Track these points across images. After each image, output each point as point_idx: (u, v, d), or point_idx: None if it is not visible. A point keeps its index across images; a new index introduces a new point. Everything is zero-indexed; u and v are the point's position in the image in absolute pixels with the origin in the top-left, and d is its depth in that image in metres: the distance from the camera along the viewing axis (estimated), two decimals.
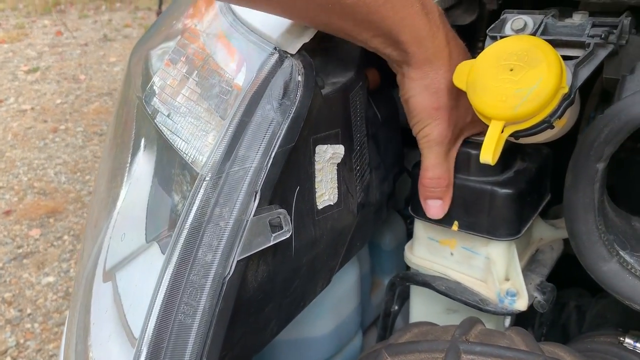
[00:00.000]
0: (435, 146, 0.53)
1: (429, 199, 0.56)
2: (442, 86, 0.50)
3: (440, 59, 0.50)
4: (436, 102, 0.51)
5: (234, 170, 0.45)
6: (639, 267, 0.52)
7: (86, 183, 2.59)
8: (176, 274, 0.44)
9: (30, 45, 4.20)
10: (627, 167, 0.71)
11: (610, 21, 0.48)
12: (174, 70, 0.58)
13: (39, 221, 2.34)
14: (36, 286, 2.04)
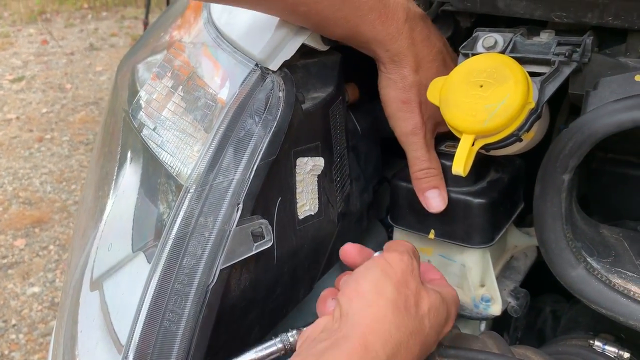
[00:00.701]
0: (412, 137, 0.56)
1: (426, 192, 0.57)
2: (407, 83, 0.55)
3: (402, 60, 0.54)
4: (403, 95, 0.55)
5: (217, 182, 0.47)
6: (605, 272, 0.54)
7: (72, 192, 2.59)
8: (161, 283, 0.46)
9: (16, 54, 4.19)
10: (598, 176, 0.74)
11: (574, 40, 0.51)
12: (160, 84, 0.60)
13: (24, 231, 2.34)
14: (21, 297, 2.03)
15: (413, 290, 0.43)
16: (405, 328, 0.40)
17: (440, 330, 0.45)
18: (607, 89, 0.50)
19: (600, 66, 0.50)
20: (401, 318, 0.41)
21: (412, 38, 0.54)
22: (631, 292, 0.53)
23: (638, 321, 0.51)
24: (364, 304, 0.41)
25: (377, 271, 0.44)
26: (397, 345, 0.40)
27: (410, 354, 0.40)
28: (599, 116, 0.47)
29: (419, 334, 0.41)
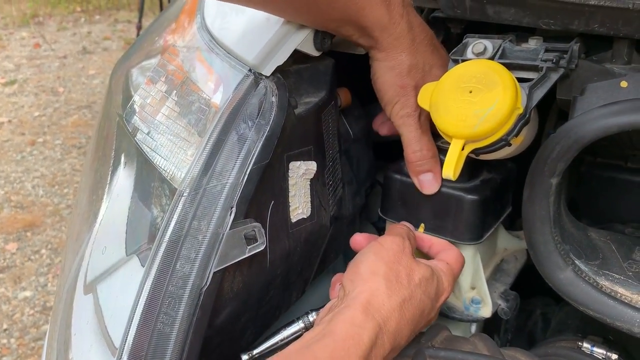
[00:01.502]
0: (408, 119, 0.57)
1: (419, 175, 0.59)
2: (405, 67, 0.56)
3: (402, 43, 0.55)
4: (400, 81, 0.56)
5: (211, 186, 0.48)
6: (592, 275, 0.55)
7: (64, 196, 2.58)
8: (155, 285, 0.47)
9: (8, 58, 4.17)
10: (587, 180, 0.76)
11: (562, 46, 0.52)
12: (154, 89, 0.60)
13: (16, 235, 2.33)
14: (12, 301, 2.02)
15: (404, 266, 0.50)
16: (397, 296, 0.48)
17: (436, 298, 0.51)
18: (594, 94, 0.51)
19: (587, 72, 0.51)
20: (393, 289, 0.48)
21: (410, 22, 0.55)
22: (618, 294, 0.54)
23: (625, 323, 0.52)
24: (362, 281, 0.48)
25: (371, 254, 0.51)
26: (390, 311, 0.47)
27: (404, 317, 0.47)
28: (585, 121, 0.48)
29: (412, 300, 0.48)
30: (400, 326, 0.47)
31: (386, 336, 0.46)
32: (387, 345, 0.46)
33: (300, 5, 0.50)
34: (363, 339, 0.44)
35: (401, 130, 0.59)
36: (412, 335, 0.49)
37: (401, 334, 0.47)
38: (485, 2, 0.53)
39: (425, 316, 0.50)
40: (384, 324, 0.46)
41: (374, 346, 0.44)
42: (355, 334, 0.44)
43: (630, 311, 0.52)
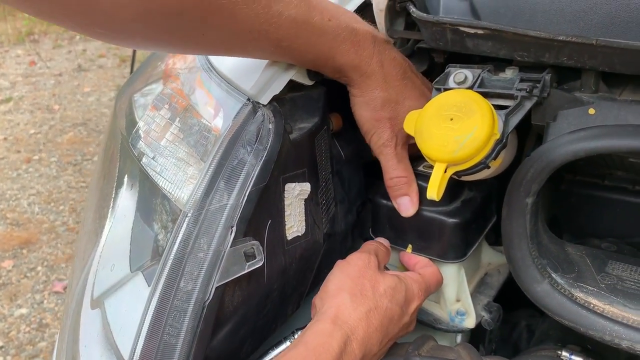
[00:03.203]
0: (384, 149, 0.63)
1: (397, 198, 0.64)
2: (378, 102, 0.62)
3: (374, 81, 0.61)
4: (375, 114, 0.62)
5: (212, 207, 0.52)
6: (568, 287, 0.60)
7: (60, 213, 2.61)
8: (162, 300, 0.51)
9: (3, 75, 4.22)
10: (567, 197, 0.80)
11: (535, 76, 0.56)
12: (158, 115, 0.65)
13: (11, 252, 2.35)
14: (9, 318, 2.04)
15: (369, 279, 0.55)
16: (363, 307, 0.53)
17: (405, 304, 0.56)
18: (565, 121, 0.56)
19: (558, 100, 0.56)
20: (358, 302, 0.53)
21: (381, 60, 0.61)
22: (591, 305, 0.58)
23: (597, 331, 0.56)
24: (329, 298, 0.54)
25: (337, 271, 0.57)
26: (357, 320, 0.52)
27: (371, 325, 0.52)
28: (556, 146, 0.53)
29: (377, 309, 0.53)
30: (369, 333, 0.52)
31: (355, 343, 0.50)
32: (357, 351, 0.50)
33: (275, 51, 0.55)
34: (333, 346, 0.49)
35: (379, 158, 0.64)
36: (384, 340, 0.54)
37: (371, 340, 0.52)
38: (464, 35, 0.58)
39: (397, 322, 0.55)
40: (352, 333, 0.51)
41: (344, 353, 0.49)
42: (325, 342, 0.49)
43: (602, 320, 0.56)
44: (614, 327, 0.55)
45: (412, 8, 0.61)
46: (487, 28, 0.56)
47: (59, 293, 2.15)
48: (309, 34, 0.54)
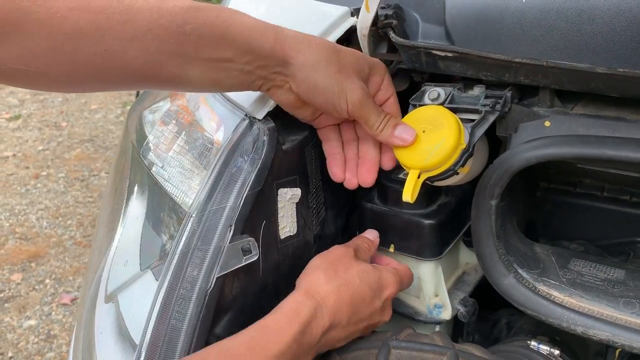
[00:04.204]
0: (365, 101, 0.62)
1: (394, 133, 0.63)
2: (323, 61, 0.60)
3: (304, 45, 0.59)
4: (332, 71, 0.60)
5: (214, 209, 0.61)
6: (532, 281, 0.67)
7: (68, 228, 2.69)
8: (169, 289, 0.59)
9: (12, 93, 4.35)
10: (542, 204, 0.88)
11: (498, 93, 0.65)
12: (166, 129, 0.73)
13: (20, 266, 2.43)
14: (17, 329, 2.11)
15: (344, 263, 0.63)
16: (334, 282, 0.60)
17: (378, 288, 0.63)
18: (524, 132, 0.64)
19: (519, 114, 0.65)
20: (330, 277, 0.60)
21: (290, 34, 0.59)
22: (552, 297, 0.66)
23: (555, 319, 0.63)
24: (304, 276, 0.62)
25: (316, 257, 0.65)
26: (328, 292, 0.59)
27: (341, 297, 0.59)
28: (513, 154, 0.61)
29: (348, 286, 0.60)
30: (339, 304, 0.59)
31: (325, 311, 0.58)
32: (327, 318, 0.58)
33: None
34: (303, 311, 0.56)
35: (362, 115, 0.62)
36: (355, 317, 0.60)
37: (340, 311, 0.59)
38: (436, 57, 0.67)
39: (368, 303, 0.62)
40: (322, 302, 0.58)
41: (314, 318, 0.57)
42: (297, 308, 0.57)
43: (560, 309, 0.64)
44: (570, 315, 0.63)
45: (391, 33, 0.70)
46: (455, 51, 0.65)
47: (67, 305, 2.23)
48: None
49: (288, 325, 0.55)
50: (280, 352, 0.54)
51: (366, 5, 0.70)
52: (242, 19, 0.56)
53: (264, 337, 0.55)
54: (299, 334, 0.55)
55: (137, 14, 0.51)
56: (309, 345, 0.57)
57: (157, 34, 0.51)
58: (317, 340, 0.57)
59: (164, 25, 0.52)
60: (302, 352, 0.56)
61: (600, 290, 0.66)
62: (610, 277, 0.68)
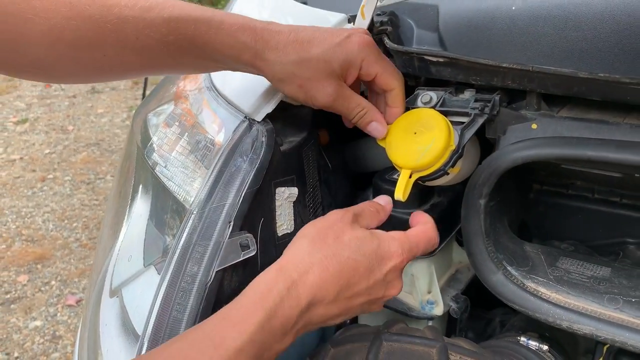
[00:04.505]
0: (338, 98, 0.65)
1: (367, 126, 0.67)
2: (292, 57, 0.63)
3: (276, 42, 0.63)
4: (301, 73, 0.63)
5: (214, 206, 0.64)
6: (521, 278, 0.70)
7: (73, 230, 2.74)
8: (171, 283, 0.62)
9: (20, 97, 4.41)
10: (535, 205, 0.91)
11: (487, 97, 0.68)
12: (169, 131, 0.77)
13: (26, 267, 2.48)
14: (23, 330, 2.15)
15: (335, 229, 0.57)
16: (319, 253, 0.54)
17: (377, 259, 0.57)
18: (512, 134, 0.67)
19: (507, 117, 0.68)
20: (315, 247, 0.55)
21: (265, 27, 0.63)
22: (540, 293, 0.69)
23: (542, 314, 0.66)
24: (290, 245, 0.58)
25: (308, 226, 0.60)
26: (309, 265, 0.54)
27: (326, 271, 0.54)
28: (500, 155, 0.64)
29: (336, 257, 0.54)
30: (324, 279, 0.53)
31: (302, 288, 0.52)
32: (303, 297, 0.52)
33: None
34: (272, 293, 0.51)
35: (340, 107, 0.65)
36: (346, 291, 0.55)
37: (325, 286, 0.53)
38: (428, 62, 0.70)
39: (363, 275, 0.55)
40: (299, 278, 0.53)
41: (286, 299, 0.51)
42: (264, 291, 0.51)
43: (547, 305, 0.66)
44: (556, 310, 0.66)
45: (386, 39, 0.73)
46: (445, 56, 0.68)
47: (72, 306, 2.27)
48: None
49: (251, 314, 0.50)
50: (240, 348, 0.48)
51: (362, 12, 0.73)
52: (217, 38, 0.59)
53: (221, 332, 0.50)
54: (265, 320, 0.50)
55: (124, 24, 0.56)
56: (283, 329, 0.52)
57: (145, 42, 0.57)
58: (294, 322, 0.52)
59: (149, 35, 0.57)
60: (273, 339, 0.51)
61: (586, 287, 0.68)
62: (597, 274, 0.71)
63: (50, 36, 0.54)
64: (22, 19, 0.52)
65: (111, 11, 0.55)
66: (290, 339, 0.53)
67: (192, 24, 0.58)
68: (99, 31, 0.55)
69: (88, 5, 0.54)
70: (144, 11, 0.57)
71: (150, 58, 0.59)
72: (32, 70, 0.57)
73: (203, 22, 0.59)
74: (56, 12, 0.53)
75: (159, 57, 0.60)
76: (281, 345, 0.53)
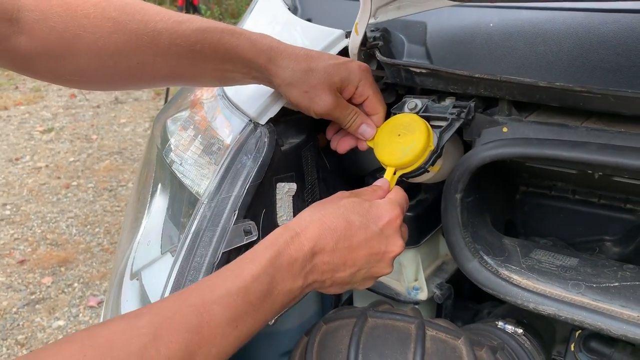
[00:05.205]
0: (334, 108, 0.75)
1: (358, 129, 0.78)
2: (299, 74, 0.74)
3: (284, 59, 0.74)
4: (305, 86, 0.75)
5: (221, 197, 0.75)
6: (495, 266, 0.80)
7: (95, 235, 2.88)
8: (184, 262, 0.73)
9: (46, 107, 4.62)
10: (521, 205, 1.00)
11: (464, 104, 0.78)
12: (185, 134, 0.88)
13: (51, 270, 2.61)
14: (47, 329, 2.28)
15: (334, 199, 0.66)
16: (318, 213, 0.63)
17: (372, 218, 0.65)
18: (486, 137, 0.77)
19: (481, 121, 0.78)
20: (315, 210, 0.64)
21: (278, 45, 0.74)
22: (512, 279, 0.78)
23: (512, 297, 0.75)
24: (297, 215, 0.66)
25: (312, 205, 0.68)
26: (309, 222, 0.62)
27: (324, 224, 0.62)
28: (472, 155, 0.74)
29: (332, 214, 0.63)
30: (322, 230, 0.61)
31: (304, 238, 0.60)
32: (306, 243, 0.60)
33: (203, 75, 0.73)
34: (279, 240, 0.59)
35: (336, 116, 0.76)
36: (344, 242, 0.62)
37: (324, 237, 0.61)
38: (413, 73, 0.80)
39: (360, 229, 0.63)
40: (302, 231, 0.61)
41: (291, 243, 0.59)
42: (272, 239, 0.60)
43: (516, 289, 0.76)
44: (524, 294, 0.75)
45: (377, 53, 0.84)
46: (427, 68, 0.78)
47: (94, 307, 2.40)
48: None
49: (262, 253, 0.58)
50: (255, 275, 0.56)
51: (355, 29, 0.84)
52: (238, 43, 0.71)
53: (239, 264, 0.58)
54: (274, 257, 0.57)
55: (159, 35, 0.68)
56: (290, 268, 0.58)
57: (175, 51, 0.69)
58: (301, 263, 0.59)
59: (180, 44, 0.69)
60: (282, 275, 0.58)
61: (553, 274, 0.77)
62: (565, 264, 0.80)
63: (95, 48, 0.65)
64: (71, 34, 0.64)
65: (148, 25, 0.67)
66: (300, 281, 0.60)
67: (218, 33, 0.70)
68: (137, 42, 0.66)
69: (128, 21, 0.66)
70: (176, 24, 0.68)
71: (177, 66, 0.70)
72: (75, 78, 0.68)
73: (227, 32, 0.71)
74: (101, 28, 0.64)
75: (184, 66, 0.71)
76: (293, 284, 0.59)
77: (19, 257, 2.70)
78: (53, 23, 0.63)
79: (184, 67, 0.72)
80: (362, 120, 0.78)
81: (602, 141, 0.68)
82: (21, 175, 3.48)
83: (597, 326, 0.69)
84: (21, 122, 4.31)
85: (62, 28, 0.63)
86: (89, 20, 0.64)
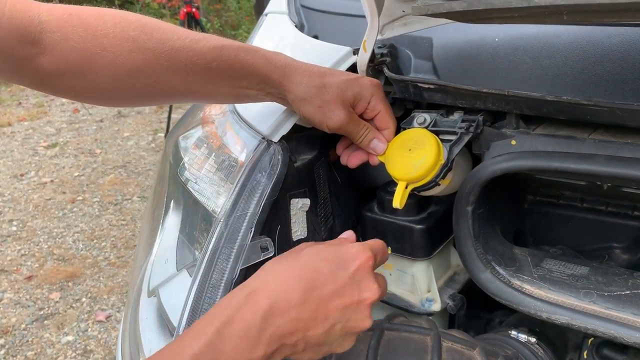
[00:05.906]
0: (347, 123, 0.77)
1: (370, 144, 0.79)
2: (313, 90, 0.76)
3: (297, 75, 0.76)
4: (319, 102, 0.76)
5: (237, 215, 0.77)
6: (507, 276, 0.81)
7: (102, 249, 2.90)
8: (202, 279, 0.74)
9: (49, 123, 4.65)
10: (529, 214, 1.02)
11: (473, 118, 0.80)
12: (199, 152, 0.90)
13: (58, 285, 2.63)
14: (56, 345, 2.30)
15: (297, 249, 0.62)
16: (278, 266, 0.58)
17: (340, 262, 0.58)
18: (495, 150, 0.79)
19: (490, 135, 0.79)
20: (276, 262, 0.60)
21: (291, 62, 0.76)
22: (524, 289, 0.79)
23: (525, 307, 0.77)
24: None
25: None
26: (269, 276, 0.57)
27: (285, 276, 0.56)
28: (482, 168, 0.76)
29: (296, 263, 0.58)
30: (284, 282, 0.55)
31: (261, 295, 0.53)
32: (263, 301, 0.53)
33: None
34: (232, 303, 0.53)
35: (347, 132, 0.78)
36: (312, 292, 0.55)
37: (286, 289, 0.54)
38: (421, 89, 0.82)
39: (328, 276, 0.56)
40: (259, 287, 0.55)
41: (245, 304, 0.53)
42: (224, 303, 0.54)
43: (529, 299, 0.77)
44: (537, 303, 0.76)
45: (385, 69, 0.86)
46: (435, 83, 0.80)
47: (102, 322, 2.41)
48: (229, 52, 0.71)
49: (209, 323, 0.52)
50: (196, 352, 0.49)
51: (364, 46, 0.86)
52: (254, 60, 0.73)
53: (180, 341, 0.51)
54: (223, 326, 0.51)
55: (177, 54, 0.71)
56: (245, 335, 0.52)
57: (191, 68, 0.72)
58: (258, 327, 0.52)
59: (196, 62, 0.71)
60: (233, 345, 0.51)
61: (565, 283, 0.79)
62: (576, 273, 0.81)
63: (114, 66, 0.67)
64: (92, 53, 0.66)
65: (166, 44, 0.69)
66: (261, 349, 0.52)
67: (234, 51, 0.72)
68: (155, 60, 0.69)
69: (147, 40, 0.68)
70: (193, 43, 0.70)
71: (193, 83, 0.72)
72: (95, 95, 0.71)
73: (243, 49, 0.73)
74: (121, 47, 0.67)
75: (200, 82, 0.73)
76: (250, 354, 0.52)
77: (26, 273, 2.72)
78: (74, 43, 0.65)
79: (200, 84, 0.74)
80: (374, 135, 0.80)
81: (610, 153, 0.70)
82: (27, 191, 3.50)
83: (610, 334, 0.71)
84: (25, 138, 4.34)
85: (82, 48, 0.65)
86: (108, 39, 0.67)
